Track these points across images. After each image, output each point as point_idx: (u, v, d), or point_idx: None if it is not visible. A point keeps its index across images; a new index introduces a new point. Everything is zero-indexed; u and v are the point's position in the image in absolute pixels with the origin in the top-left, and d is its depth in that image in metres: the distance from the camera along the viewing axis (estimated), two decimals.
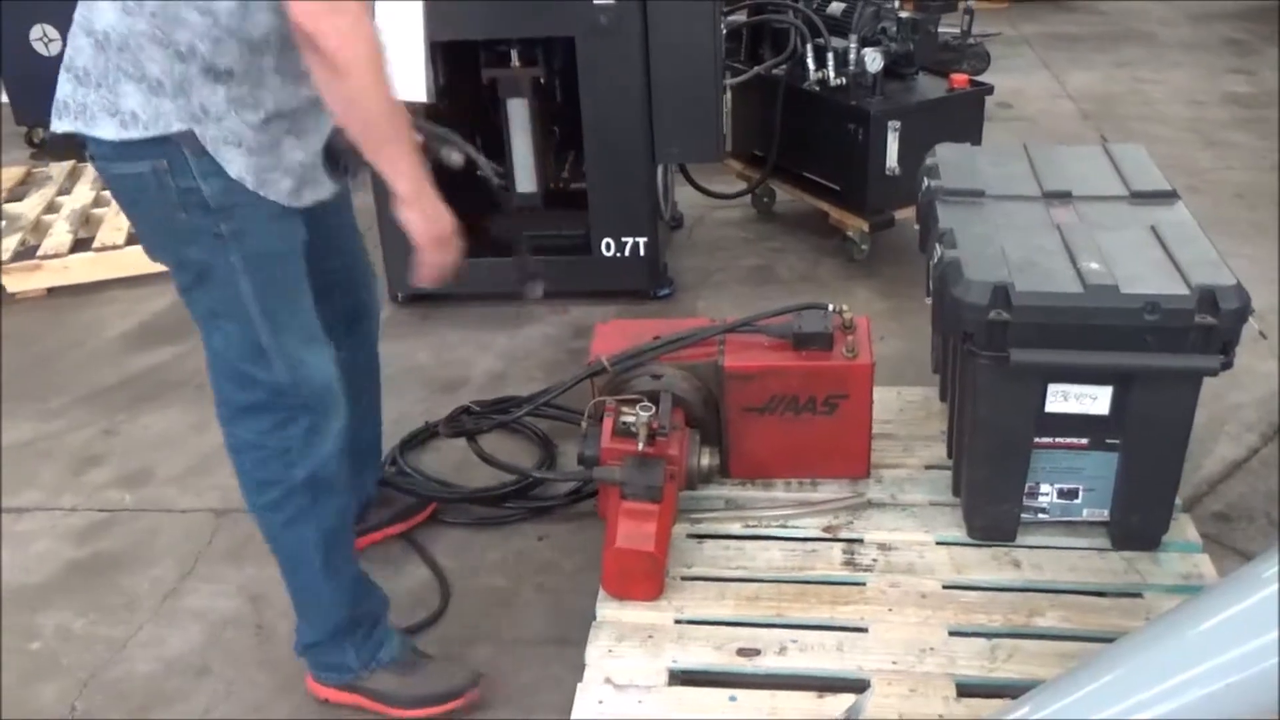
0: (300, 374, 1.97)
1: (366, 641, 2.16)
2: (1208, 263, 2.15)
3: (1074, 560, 2.30)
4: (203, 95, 1.77)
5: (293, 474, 2.01)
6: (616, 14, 3.28)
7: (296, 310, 1.98)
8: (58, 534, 2.81)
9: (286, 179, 1.88)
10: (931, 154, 2.69)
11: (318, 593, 2.13)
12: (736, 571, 2.31)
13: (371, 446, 2.58)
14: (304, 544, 2.07)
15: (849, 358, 2.42)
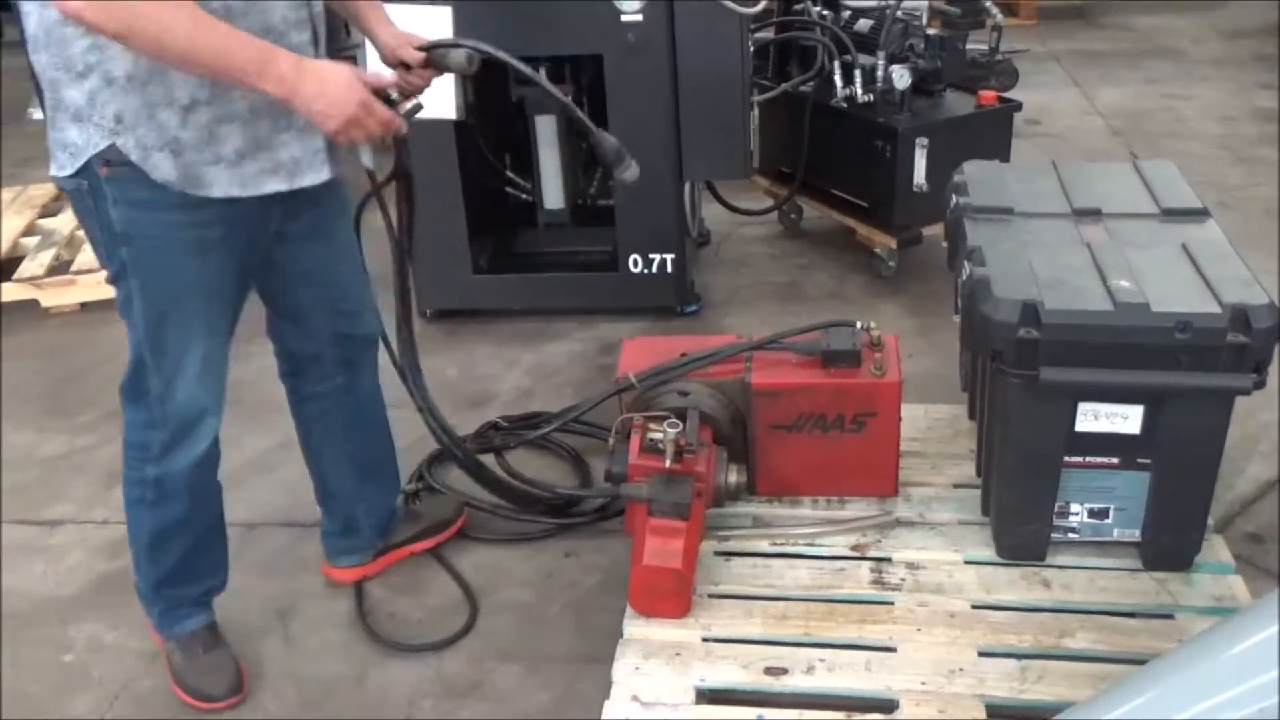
0: (170, 398, 2.08)
1: (169, 614, 2.33)
2: (1240, 281, 2.13)
3: (1105, 581, 2.27)
4: (113, 105, 1.81)
5: (144, 469, 2.16)
6: (644, 31, 3.29)
7: (189, 339, 2.04)
8: (89, 547, 2.83)
9: (222, 170, 1.91)
10: (960, 171, 2.68)
11: (137, 559, 2.30)
12: (764, 590, 2.30)
13: (380, 465, 2.59)
14: (138, 525, 2.25)
15: (877, 375, 2.41)
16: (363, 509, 2.56)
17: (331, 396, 2.41)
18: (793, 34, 4.02)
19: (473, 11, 3.17)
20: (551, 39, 3.39)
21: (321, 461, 2.51)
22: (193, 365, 2.06)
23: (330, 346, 2.34)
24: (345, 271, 2.29)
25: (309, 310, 2.28)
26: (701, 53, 3.33)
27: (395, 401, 2.60)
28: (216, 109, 1.86)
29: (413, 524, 2.67)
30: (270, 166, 1.96)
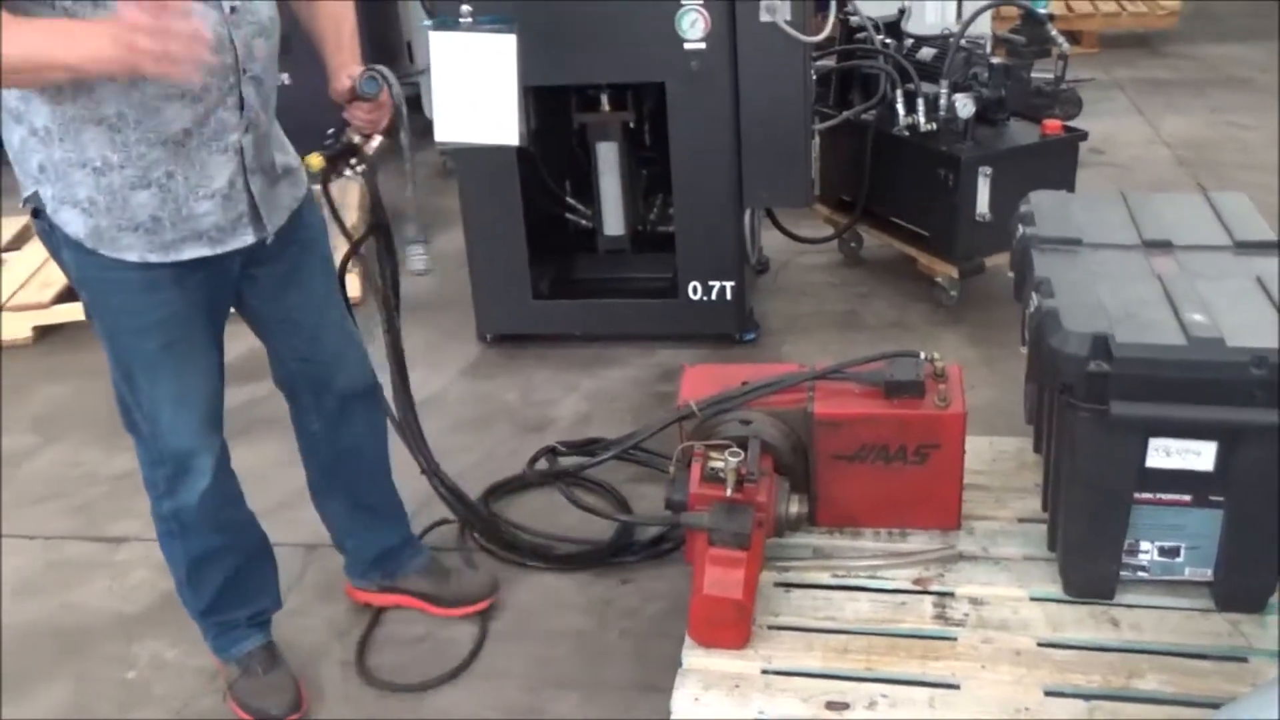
0: (157, 436, 2.09)
1: (222, 638, 2.35)
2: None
3: (1175, 621, 2.22)
4: (38, 155, 1.83)
5: (160, 504, 2.18)
6: (707, 59, 3.30)
7: (156, 380, 2.03)
8: (153, 564, 2.85)
9: (138, 236, 1.89)
10: (1026, 201, 2.64)
11: (180, 588, 2.31)
12: (824, 622, 2.27)
13: (371, 508, 2.52)
14: (173, 556, 2.26)
15: (941, 407, 2.38)
16: (351, 544, 2.55)
17: (316, 437, 2.39)
18: (855, 62, 4.00)
19: (537, 39, 3.20)
20: (614, 66, 3.42)
21: (313, 489, 2.52)
22: (167, 404, 2.05)
23: (304, 392, 2.33)
24: (318, 323, 2.26)
25: (280, 354, 2.29)
26: (764, 80, 3.33)
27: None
28: (129, 173, 1.85)
29: (432, 582, 2.58)
30: (191, 233, 1.94)
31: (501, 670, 2.44)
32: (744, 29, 3.26)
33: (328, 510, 2.53)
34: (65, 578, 2.85)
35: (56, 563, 2.91)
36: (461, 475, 3.05)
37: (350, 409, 2.36)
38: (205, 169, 1.91)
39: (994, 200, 3.58)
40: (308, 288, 2.22)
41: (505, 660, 2.46)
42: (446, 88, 3.09)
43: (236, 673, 2.35)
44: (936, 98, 3.71)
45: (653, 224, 3.95)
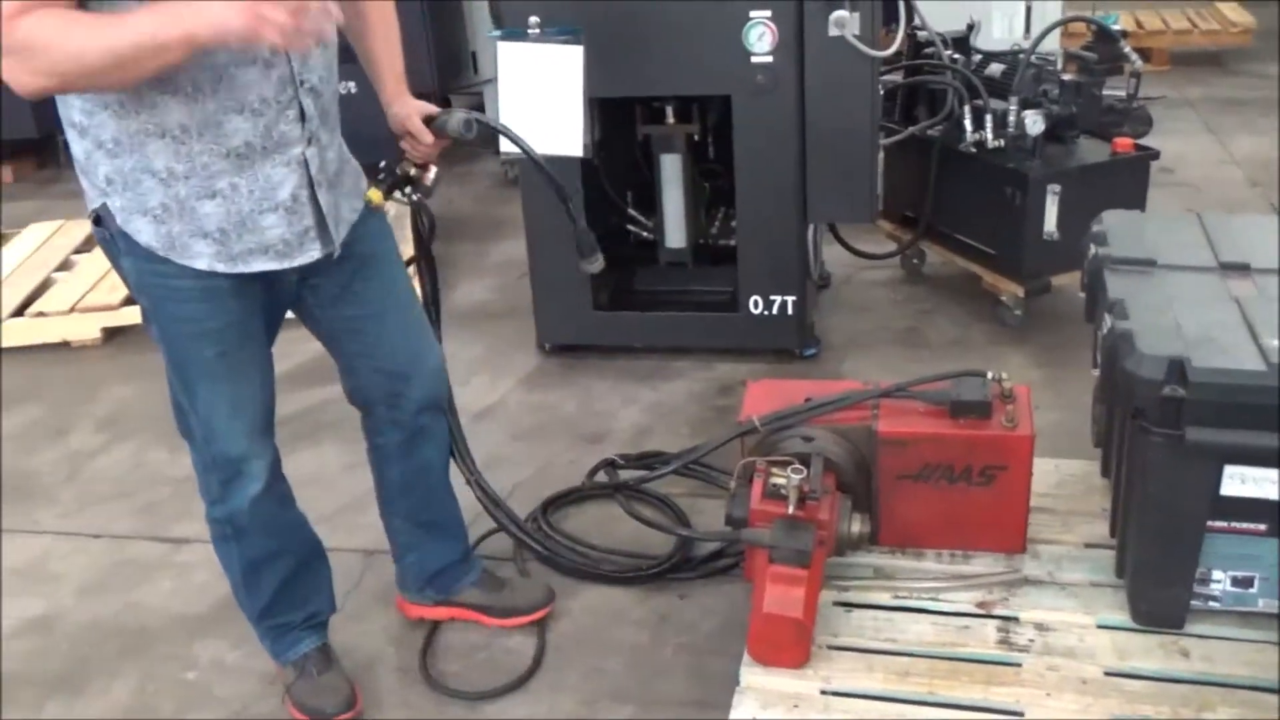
0: (210, 441, 2.11)
1: (278, 641, 2.37)
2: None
3: (1248, 653, 2.16)
4: (105, 167, 1.85)
5: (214, 508, 2.20)
6: (773, 73, 3.30)
7: (212, 386, 2.05)
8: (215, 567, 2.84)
9: (207, 244, 1.90)
10: (1099, 221, 2.61)
11: (236, 592, 2.34)
12: (885, 644, 2.24)
13: (435, 525, 2.52)
14: (228, 560, 2.28)
15: (1008, 428, 2.35)
16: (413, 558, 2.55)
17: (386, 450, 2.40)
18: (922, 77, 3.98)
19: (604, 51, 3.22)
20: (680, 79, 3.43)
21: (380, 501, 2.52)
22: (222, 409, 2.07)
23: (381, 405, 2.33)
24: (386, 333, 2.25)
25: (354, 364, 2.29)
26: (830, 95, 3.32)
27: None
28: (194, 184, 1.86)
29: (488, 594, 2.58)
30: (258, 246, 1.95)
31: (556, 682, 2.43)
32: (811, 43, 3.26)
33: (393, 525, 2.53)
34: (129, 577, 2.89)
35: (121, 562, 2.96)
36: (520, 485, 3.08)
37: (424, 423, 2.36)
38: (269, 181, 1.92)
39: (1062, 219, 3.53)
40: (370, 296, 2.20)
41: (560, 672, 2.46)
42: (512, 98, 3.11)
43: (293, 675, 2.37)
44: (1005, 114, 3.67)
45: (714, 237, 3.96)
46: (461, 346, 2.39)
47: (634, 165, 3.85)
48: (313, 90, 1.94)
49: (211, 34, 1.64)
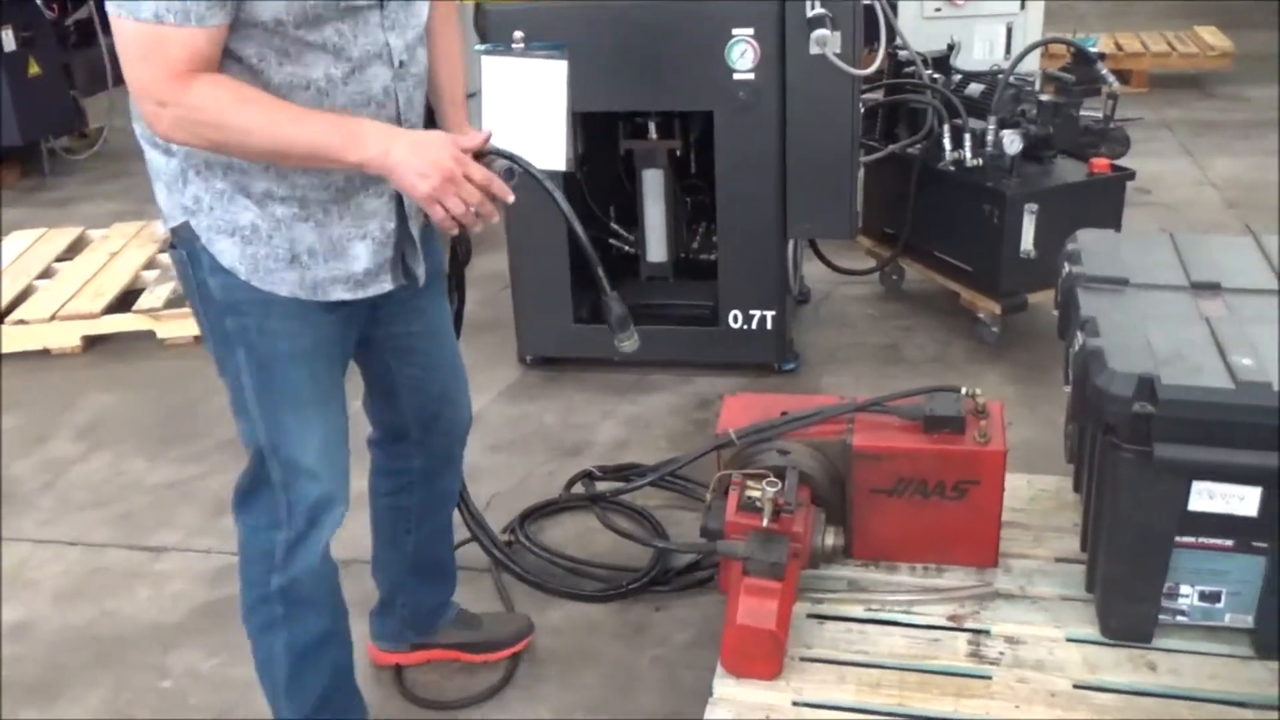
0: (294, 484, 1.94)
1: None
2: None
3: (1215, 667, 2.18)
4: (195, 186, 1.79)
5: (270, 579, 2.00)
6: (756, 90, 3.32)
7: (305, 417, 1.93)
8: (193, 575, 2.90)
9: (292, 270, 1.83)
10: (1073, 239, 2.63)
11: (275, 701, 2.12)
12: (857, 656, 2.25)
13: (431, 567, 2.45)
14: (271, 652, 2.06)
15: (981, 443, 2.36)
16: (402, 599, 2.46)
17: (408, 478, 2.31)
18: (902, 96, 4.01)
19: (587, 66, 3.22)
20: (664, 94, 3.45)
21: (379, 536, 2.41)
22: (313, 442, 1.94)
23: (416, 429, 2.24)
24: (436, 352, 2.21)
25: (398, 386, 2.19)
26: (811, 112, 3.35)
27: None
28: (291, 206, 1.81)
29: (465, 631, 2.53)
30: (341, 275, 1.87)
31: (533, 693, 2.44)
32: (793, 61, 3.28)
33: (390, 568, 2.43)
34: (105, 585, 2.89)
35: (97, 570, 2.95)
36: (499, 496, 3.09)
37: (453, 450, 2.33)
38: (362, 210, 1.87)
39: (1039, 237, 3.56)
40: (429, 314, 2.15)
41: (537, 683, 2.47)
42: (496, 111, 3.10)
43: None
44: (984, 133, 3.71)
45: (695, 252, 3.98)
46: None
47: (616, 179, 3.87)
48: (412, 128, 1.90)
49: (380, 170, 1.70)
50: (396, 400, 2.20)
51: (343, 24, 1.73)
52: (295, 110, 1.68)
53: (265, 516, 1.99)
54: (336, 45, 1.73)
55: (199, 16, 1.58)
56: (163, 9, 1.56)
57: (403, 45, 1.85)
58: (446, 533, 2.46)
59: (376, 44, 1.80)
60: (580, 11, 3.32)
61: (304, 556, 1.99)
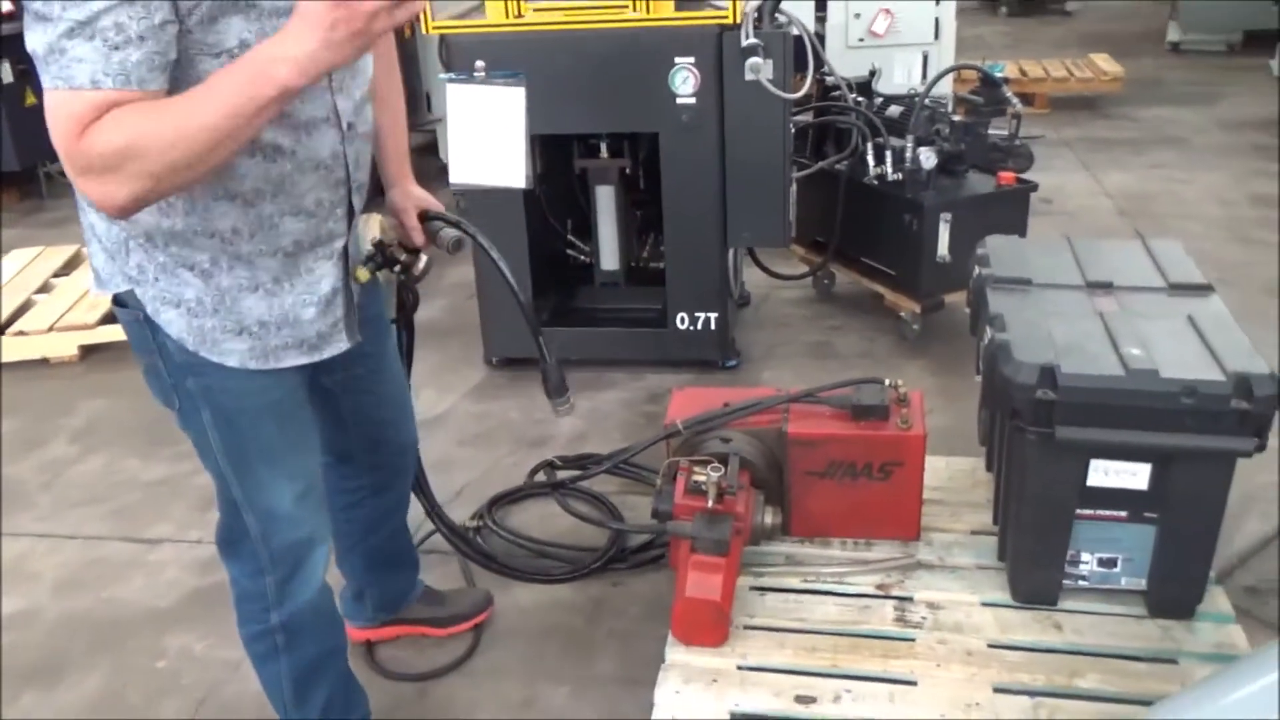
0: (272, 535, 1.81)
1: None
2: (1242, 351, 2.10)
3: (1112, 626, 2.22)
4: (137, 255, 1.61)
5: (268, 617, 1.88)
6: (697, 113, 3.33)
7: (278, 467, 1.78)
8: (184, 564, 2.86)
9: (242, 341, 1.67)
10: (982, 244, 2.66)
11: (284, 716, 2.02)
12: (795, 623, 2.27)
13: (393, 559, 2.40)
14: (275, 677, 1.97)
15: (903, 429, 2.39)
16: (371, 590, 2.42)
17: (358, 493, 2.23)
18: (830, 118, 4.04)
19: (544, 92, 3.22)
20: (614, 118, 3.45)
21: (339, 543, 2.27)
22: (286, 492, 1.80)
23: (362, 451, 2.15)
24: (382, 386, 2.10)
25: (344, 416, 2.07)
26: (747, 133, 3.36)
27: None
28: (240, 276, 1.64)
29: (431, 607, 2.50)
30: (294, 340, 1.72)
31: (499, 665, 2.43)
32: (730, 86, 3.30)
33: (354, 564, 2.38)
34: (103, 575, 2.84)
35: (95, 561, 2.90)
36: (468, 485, 3.08)
37: (400, 464, 2.27)
38: (312, 275, 1.72)
39: (953, 243, 3.60)
40: (375, 353, 2.02)
41: (503, 655, 2.46)
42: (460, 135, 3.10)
43: None
44: (903, 150, 3.74)
45: (645, 260, 3.98)
46: (418, 360, 2.36)
47: (572, 196, 3.86)
48: (360, 185, 1.77)
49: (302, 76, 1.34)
50: (343, 427, 2.08)
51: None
52: (195, 92, 1.38)
53: (250, 563, 1.86)
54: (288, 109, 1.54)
55: (140, 79, 1.36)
56: (99, 74, 1.34)
57: (350, 106, 1.69)
58: (402, 531, 2.39)
59: (325, 107, 1.63)
60: (537, 42, 3.32)
61: (298, 593, 1.87)
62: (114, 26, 1.34)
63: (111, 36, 1.34)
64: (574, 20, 3.35)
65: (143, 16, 1.36)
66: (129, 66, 1.36)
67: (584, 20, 3.35)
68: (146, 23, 1.36)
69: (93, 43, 1.34)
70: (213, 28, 1.44)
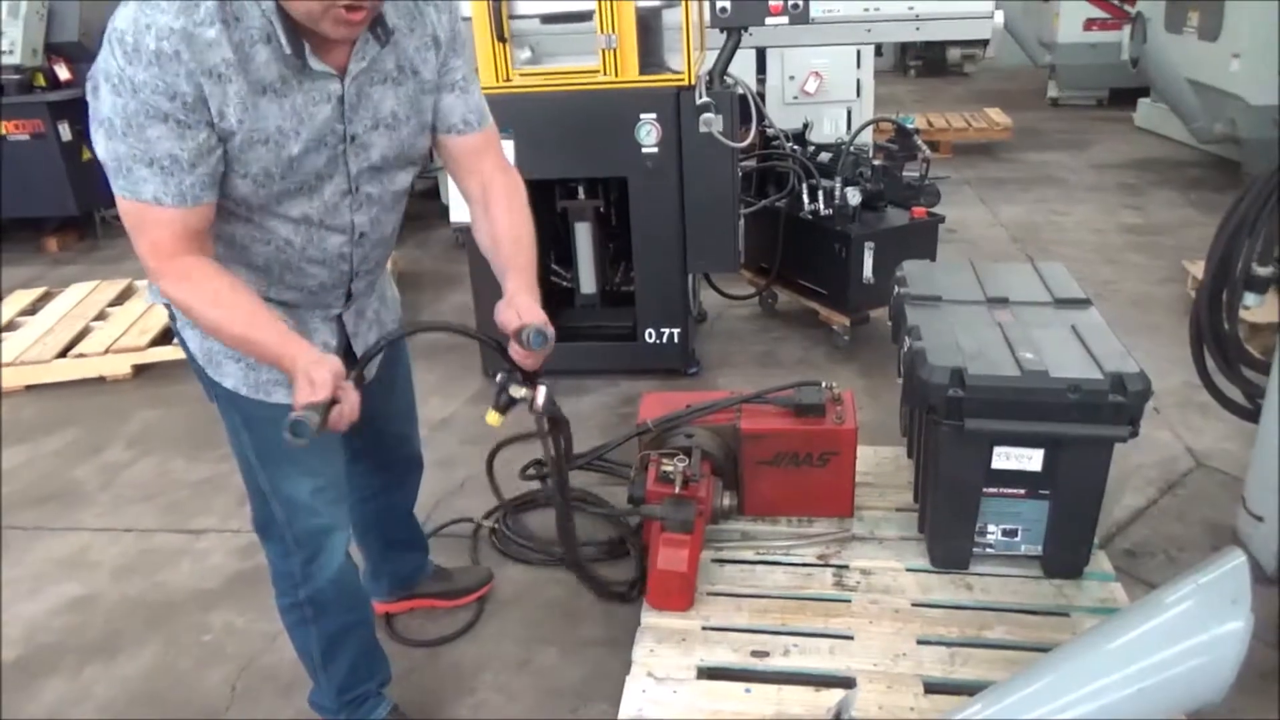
0: (294, 522, 1.77)
1: (355, 712, 2.01)
2: (1117, 354, 2.13)
3: (1015, 585, 2.24)
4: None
5: (296, 592, 1.85)
6: (659, 160, 3.33)
7: (295, 463, 1.72)
8: (226, 551, 2.81)
9: (238, 366, 1.65)
10: (900, 268, 2.69)
11: (315, 676, 1.99)
12: (750, 589, 2.27)
13: (404, 544, 2.37)
14: (306, 642, 1.93)
15: (838, 423, 2.40)
16: (384, 569, 2.38)
17: (369, 489, 2.18)
18: (771, 163, 4.06)
19: (530, 143, 3.23)
20: (590, 165, 3.45)
21: (356, 529, 2.21)
22: (307, 485, 1.75)
23: (370, 456, 2.10)
24: (398, 405, 2.06)
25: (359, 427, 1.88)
26: (702, 176, 3.36)
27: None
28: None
29: (440, 583, 2.46)
30: (281, 379, 1.64)
31: (500, 631, 2.41)
32: (688, 137, 3.30)
33: (370, 547, 2.33)
34: (155, 562, 2.79)
35: (148, 550, 2.85)
36: (470, 478, 3.05)
37: (406, 477, 2.23)
38: (306, 327, 1.68)
39: (876, 267, 3.63)
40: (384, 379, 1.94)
41: (503, 623, 2.43)
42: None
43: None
44: (832, 190, 3.76)
45: (617, 284, 3.97)
46: (421, 374, 2.32)
47: (554, 231, 3.85)
48: (368, 273, 1.73)
49: (292, 379, 1.43)
50: (357, 435, 1.95)
51: (310, 205, 1.54)
52: (242, 311, 1.45)
53: (280, 545, 1.82)
54: (302, 215, 1.55)
55: (195, 199, 1.41)
56: (160, 193, 1.39)
57: (367, 220, 1.63)
58: (410, 520, 2.34)
59: (342, 221, 1.60)
60: (523, 102, 3.30)
61: (321, 572, 1.83)
62: (168, 157, 1.38)
63: (167, 165, 1.38)
64: (554, 83, 3.35)
65: (193, 147, 1.39)
66: (184, 189, 1.40)
67: (563, 83, 3.34)
68: (196, 151, 1.39)
69: (151, 168, 1.38)
70: (241, 157, 1.45)
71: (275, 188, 1.49)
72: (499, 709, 2.17)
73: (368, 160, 1.58)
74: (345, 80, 1.49)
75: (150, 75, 1.33)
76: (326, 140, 1.50)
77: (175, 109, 1.35)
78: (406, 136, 1.62)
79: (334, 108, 1.49)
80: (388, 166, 1.62)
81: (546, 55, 3.69)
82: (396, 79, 1.57)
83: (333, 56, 1.47)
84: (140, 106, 1.35)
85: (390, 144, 1.59)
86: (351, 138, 1.53)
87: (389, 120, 1.57)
